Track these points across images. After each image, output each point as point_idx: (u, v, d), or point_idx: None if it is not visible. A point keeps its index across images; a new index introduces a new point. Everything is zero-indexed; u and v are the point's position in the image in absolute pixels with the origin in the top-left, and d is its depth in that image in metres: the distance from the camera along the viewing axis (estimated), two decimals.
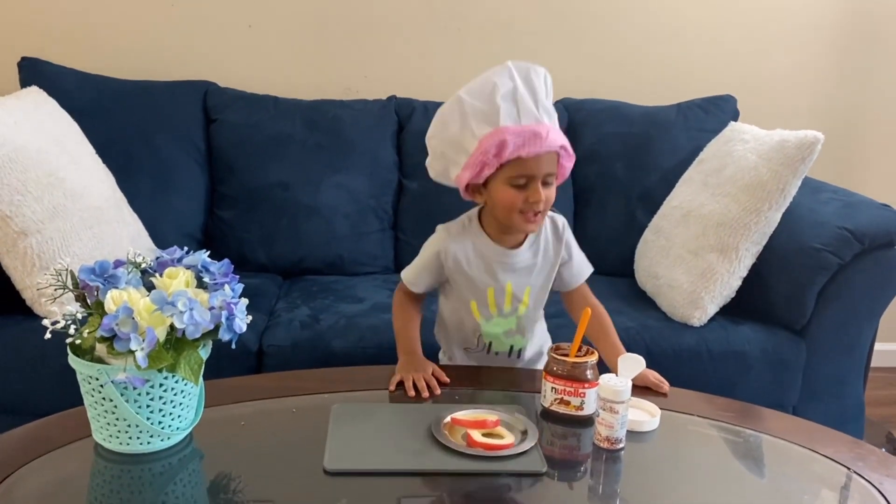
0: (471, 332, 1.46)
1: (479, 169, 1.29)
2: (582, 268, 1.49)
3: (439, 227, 1.44)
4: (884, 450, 1.22)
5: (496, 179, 1.31)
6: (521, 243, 1.41)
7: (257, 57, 2.44)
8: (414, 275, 1.45)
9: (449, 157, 1.35)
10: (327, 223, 2.18)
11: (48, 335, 1.02)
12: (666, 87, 2.54)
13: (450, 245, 1.40)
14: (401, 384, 1.32)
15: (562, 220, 1.46)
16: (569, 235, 1.46)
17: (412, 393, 1.29)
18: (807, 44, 2.61)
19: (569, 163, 1.34)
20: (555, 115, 1.32)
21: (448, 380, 1.34)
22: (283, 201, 2.18)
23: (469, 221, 1.42)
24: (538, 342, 1.52)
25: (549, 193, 1.31)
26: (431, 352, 1.69)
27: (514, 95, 1.27)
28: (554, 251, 1.44)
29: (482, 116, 1.28)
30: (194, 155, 2.22)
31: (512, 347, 1.47)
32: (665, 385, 1.36)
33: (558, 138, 1.29)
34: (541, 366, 1.43)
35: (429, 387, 1.30)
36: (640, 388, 1.33)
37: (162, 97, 2.24)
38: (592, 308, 1.39)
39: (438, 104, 2.28)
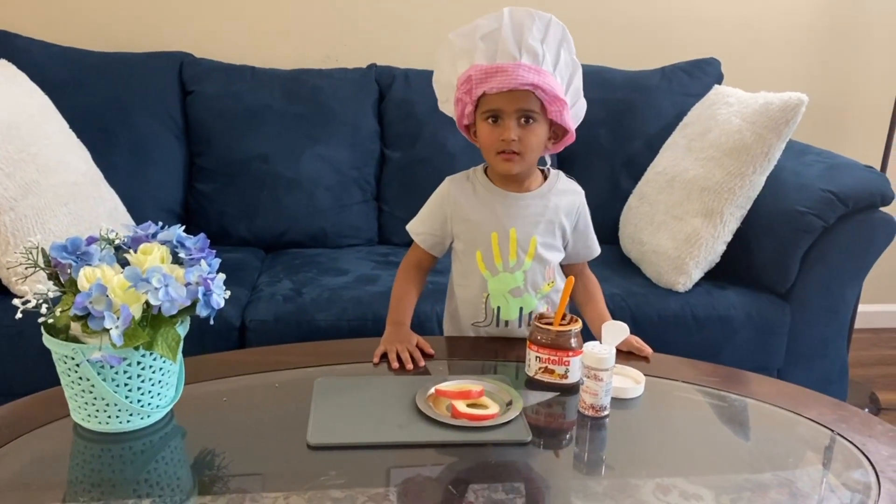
0: (479, 295, 1.41)
1: (462, 107, 1.32)
2: (594, 243, 1.46)
3: (447, 178, 1.45)
4: (867, 410, 1.23)
5: (478, 117, 1.33)
6: (527, 190, 1.39)
7: (233, 26, 2.38)
8: (419, 223, 1.44)
9: (447, 98, 1.37)
10: (309, 195, 2.16)
11: (19, 315, 1.00)
12: (649, 50, 2.52)
13: (452, 189, 1.41)
14: (385, 356, 1.31)
15: (579, 189, 1.44)
16: (585, 206, 1.44)
17: (395, 365, 1.29)
18: (791, 5, 2.59)
19: (558, 108, 1.30)
20: (548, 59, 1.29)
21: (433, 352, 1.33)
22: (264, 174, 2.15)
23: (474, 171, 1.43)
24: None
25: (527, 134, 1.30)
26: (430, 326, 1.68)
27: (496, 35, 1.28)
28: (565, 210, 1.40)
29: (463, 54, 1.31)
30: (171, 128, 2.18)
31: (521, 311, 1.41)
32: (647, 349, 1.35)
33: (530, 76, 1.26)
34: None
35: (413, 359, 1.29)
36: (624, 354, 1.33)
37: (136, 69, 2.19)
38: (585, 277, 1.38)
39: (420, 72, 2.30)
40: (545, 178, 1.42)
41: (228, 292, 1.09)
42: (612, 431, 1.14)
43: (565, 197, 1.41)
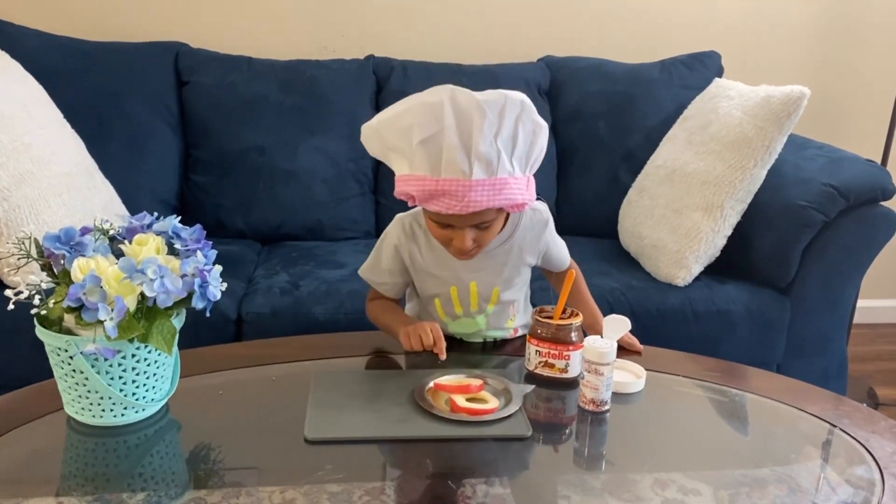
0: (436, 317, 1.35)
1: (406, 198, 1.17)
2: (564, 255, 1.38)
3: (396, 218, 1.32)
4: (865, 405, 1.22)
5: (425, 212, 1.21)
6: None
7: (230, 16, 2.36)
8: (376, 273, 1.34)
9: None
10: (306, 188, 2.14)
11: (11, 306, 0.98)
12: (649, 43, 2.50)
13: (404, 241, 1.29)
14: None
15: (545, 215, 1.32)
16: (550, 228, 1.33)
17: (429, 339, 1.23)
18: None
19: (520, 208, 1.17)
20: (504, 156, 1.10)
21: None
22: (260, 165, 2.13)
23: (426, 222, 1.26)
24: (523, 321, 1.39)
25: (483, 235, 1.19)
26: None
27: (438, 141, 1.09)
28: (529, 246, 1.31)
29: (399, 155, 1.15)
30: (167, 118, 2.16)
31: (485, 341, 1.36)
32: (638, 345, 1.33)
33: (483, 198, 1.09)
34: None
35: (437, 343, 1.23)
36: (621, 349, 1.31)
37: (132, 59, 2.17)
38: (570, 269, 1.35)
39: (418, 63, 2.28)
40: (507, 219, 1.26)
41: (225, 284, 1.08)
42: (613, 426, 1.13)
43: (529, 233, 1.30)
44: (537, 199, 1.23)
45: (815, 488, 1.01)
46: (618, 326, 1.19)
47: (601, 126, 2.26)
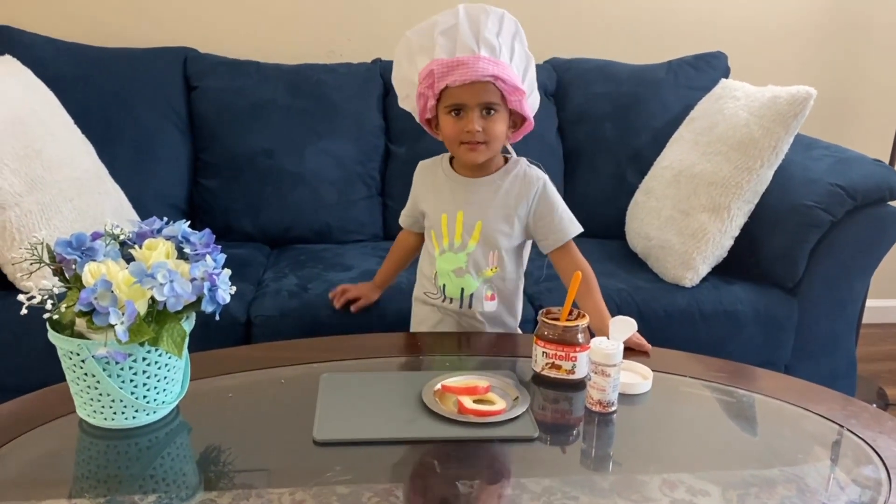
0: (432, 270, 1.49)
1: (424, 101, 1.38)
2: (565, 226, 1.46)
3: (420, 162, 1.57)
4: (875, 405, 1.22)
5: (440, 111, 1.39)
6: (482, 175, 1.45)
7: (237, 21, 2.38)
8: (408, 202, 1.58)
9: (407, 94, 1.44)
10: (314, 191, 2.15)
11: (24, 311, 0.99)
12: (655, 44, 2.50)
13: (419, 172, 1.55)
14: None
15: (540, 175, 1.46)
16: (548, 191, 1.46)
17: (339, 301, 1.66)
18: None
19: (518, 98, 1.36)
20: (504, 52, 1.34)
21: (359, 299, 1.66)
22: (268, 169, 2.14)
23: (442, 157, 1.52)
24: (502, 306, 1.49)
25: (490, 125, 1.36)
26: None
27: (454, 31, 1.33)
28: (516, 196, 1.44)
29: (423, 51, 1.36)
30: (176, 123, 2.18)
31: (463, 292, 1.46)
32: (646, 345, 1.35)
33: (490, 68, 1.31)
34: (502, 330, 1.49)
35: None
36: (629, 350, 1.32)
37: (141, 64, 2.19)
38: (581, 270, 1.37)
39: None
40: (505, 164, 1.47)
41: (234, 287, 1.08)
42: (620, 427, 1.13)
43: (520, 182, 1.44)
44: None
45: (823, 488, 1.01)
46: (624, 328, 1.19)
47: (608, 127, 2.27)
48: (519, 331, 1.53)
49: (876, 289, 2.27)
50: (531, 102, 1.41)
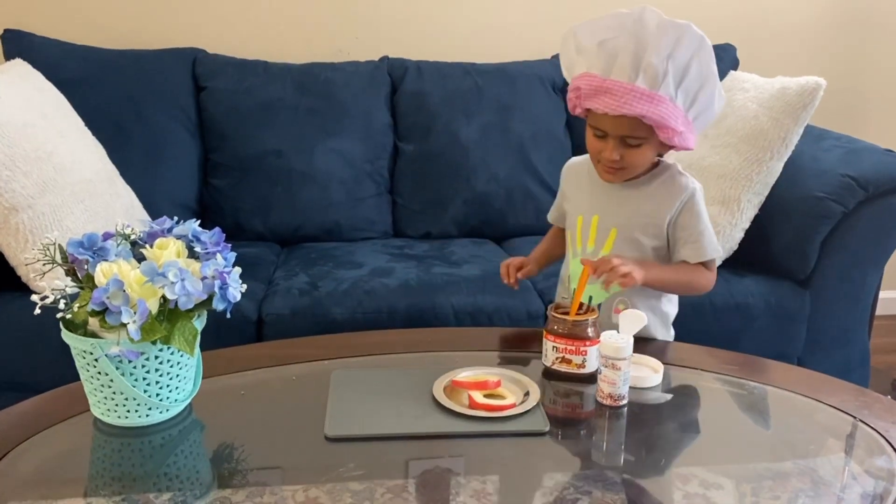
0: (565, 273, 1.44)
1: (572, 105, 1.31)
2: (702, 244, 1.33)
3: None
4: (889, 397, 1.21)
5: (587, 120, 1.31)
6: (629, 180, 1.34)
7: (245, 21, 2.38)
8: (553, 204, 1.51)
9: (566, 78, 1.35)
10: (323, 189, 2.16)
11: (37, 311, 1.00)
12: None
13: (566, 169, 1.47)
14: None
15: (690, 184, 1.33)
16: (695, 202, 1.32)
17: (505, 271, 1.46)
18: None
19: (669, 136, 1.22)
20: (669, 81, 1.19)
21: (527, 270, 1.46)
22: (278, 168, 2.15)
23: (589, 157, 1.40)
24: (638, 315, 1.23)
25: (631, 154, 1.26)
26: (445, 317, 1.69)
27: (615, 44, 1.21)
28: (659, 203, 1.32)
29: (581, 54, 1.26)
30: (185, 123, 2.19)
31: (591, 300, 1.28)
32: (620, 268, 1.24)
33: (638, 106, 1.18)
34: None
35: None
36: (642, 344, 1.29)
37: (150, 66, 2.20)
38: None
39: (432, 63, 2.29)
40: (654, 166, 1.35)
41: (245, 286, 1.09)
42: (631, 421, 1.13)
43: (666, 189, 1.33)
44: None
45: (837, 480, 1.00)
46: (634, 321, 1.19)
47: None
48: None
49: (889, 280, 2.25)
50: (704, 120, 1.26)
